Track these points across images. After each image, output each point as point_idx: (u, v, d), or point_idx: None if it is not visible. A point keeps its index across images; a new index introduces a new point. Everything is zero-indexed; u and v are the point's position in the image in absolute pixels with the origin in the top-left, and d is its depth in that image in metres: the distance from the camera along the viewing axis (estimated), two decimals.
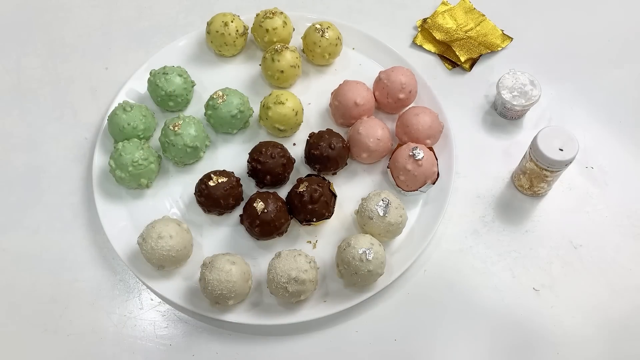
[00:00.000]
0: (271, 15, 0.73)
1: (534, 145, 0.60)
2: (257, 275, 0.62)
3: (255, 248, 0.64)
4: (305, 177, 0.64)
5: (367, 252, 0.56)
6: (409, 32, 0.82)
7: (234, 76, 0.76)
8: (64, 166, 0.71)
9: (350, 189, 0.67)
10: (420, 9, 0.84)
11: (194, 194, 0.64)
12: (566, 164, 0.59)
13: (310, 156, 0.65)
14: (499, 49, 0.79)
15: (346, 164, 0.67)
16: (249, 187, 0.67)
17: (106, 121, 0.70)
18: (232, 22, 0.74)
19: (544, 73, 0.74)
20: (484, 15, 0.82)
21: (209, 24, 0.75)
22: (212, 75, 0.76)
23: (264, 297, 0.61)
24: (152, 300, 0.63)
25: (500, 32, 0.81)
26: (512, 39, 0.80)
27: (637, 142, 0.72)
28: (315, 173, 0.66)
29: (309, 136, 0.66)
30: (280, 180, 0.66)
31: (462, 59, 0.77)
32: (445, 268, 0.64)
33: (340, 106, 0.68)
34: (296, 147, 0.71)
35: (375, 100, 0.70)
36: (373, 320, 0.61)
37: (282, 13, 0.74)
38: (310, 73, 0.77)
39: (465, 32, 0.80)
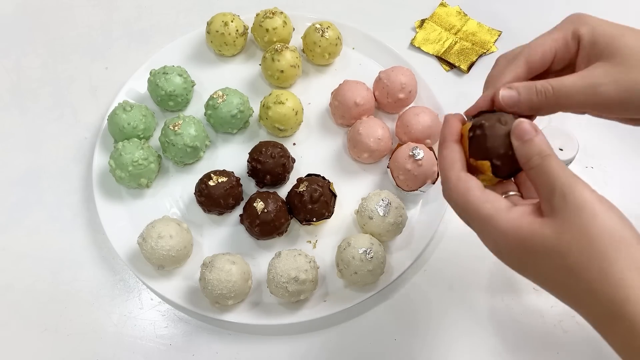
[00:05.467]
0: (271, 15, 0.73)
1: None
2: (257, 275, 0.62)
3: (255, 248, 0.64)
4: (305, 177, 0.64)
5: (367, 252, 0.56)
6: (409, 32, 0.82)
7: (234, 76, 0.76)
8: (64, 166, 0.71)
9: (350, 189, 0.67)
10: (420, 9, 0.84)
11: (194, 193, 0.64)
12: (566, 164, 0.59)
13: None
14: (492, 45, 0.79)
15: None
16: (249, 187, 0.67)
17: (106, 121, 0.70)
18: (232, 22, 0.74)
19: None
20: (466, 15, 0.82)
21: (209, 23, 0.75)
22: (212, 75, 0.76)
23: (264, 297, 0.61)
24: (152, 300, 0.63)
25: (487, 27, 0.81)
26: (500, 32, 0.80)
27: (638, 141, 0.72)
28: (316, 173, 0.66)
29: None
30: (280, 180, 0.66)
31: (461, 66, 0.77)
32: (445, 268, 0.64)
33: (340, 106, 0.68)
34: (296, 147, 0.71)
35: (375, 100, 0.70)
36: (373, 320, 0.61)
37: (282, 13, 0.74)
38: (310, 73, 0.77)
39: (455, 34, 0.80)
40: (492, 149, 0.39)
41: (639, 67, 0.37)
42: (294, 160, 0.67)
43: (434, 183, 0.64)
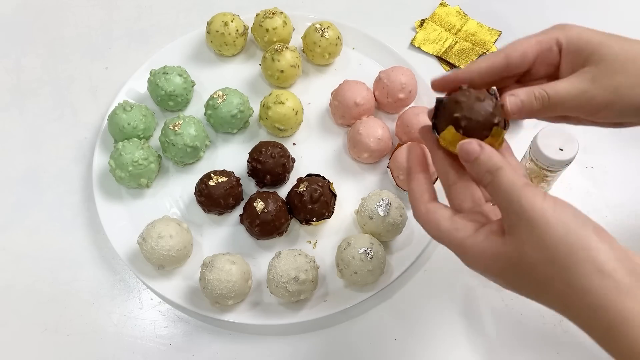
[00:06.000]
0: (271, 15, 0.73)
1: (533, 145, 0.60)
2: (257, 275, 0.62)
3: (255, 248, 0.64)
4: (305, 177, 0.64)
5: (367, 251, 0.56)
6: (409, 32, 0.82)
7: (234, 76, 0.76)
8: (64, 166, 0.71)
9: (350, 189, 0.67)
10: (420, 9, 0.84)
11: (194, 193, 0.64)
12: (566, 163, 0.59)
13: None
14: (492, 46, 0.79)
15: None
16: (249, 187, 0.67)
17: (106, 121, 0.70)
18: (232, 21, 0.74)
19: None
20: (466, 15, 0.83)
21: (209, 23, 0.75)
22: (212, 75, 0.76)
23: (264, 297, 0.61)
24: (152, 300, 0.63)
25: (487, 27, 0.81)
26: (500, 32, 0.80)
27: (638, 141, 0.72)
28: (316, 173, 0.66)
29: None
30: (280, 180, 0.66)
31: (461, 66, 0.77)
32: (445, 268, 0.64)
33: (340, 106, 0.68)
34: (296, 147, 0.71)
35: (375, 100, 0.70)
36: (373, 320, 0.61)
37: (282, 13, 0.74)
38: (310, 73, 0.77)
39: (455, 34, 0.80)
40: (458, 114, 0.38)
41: (622, 72, 0.38)
42: (294, 160, 0.67)
43: (433, 183, 0.64)
